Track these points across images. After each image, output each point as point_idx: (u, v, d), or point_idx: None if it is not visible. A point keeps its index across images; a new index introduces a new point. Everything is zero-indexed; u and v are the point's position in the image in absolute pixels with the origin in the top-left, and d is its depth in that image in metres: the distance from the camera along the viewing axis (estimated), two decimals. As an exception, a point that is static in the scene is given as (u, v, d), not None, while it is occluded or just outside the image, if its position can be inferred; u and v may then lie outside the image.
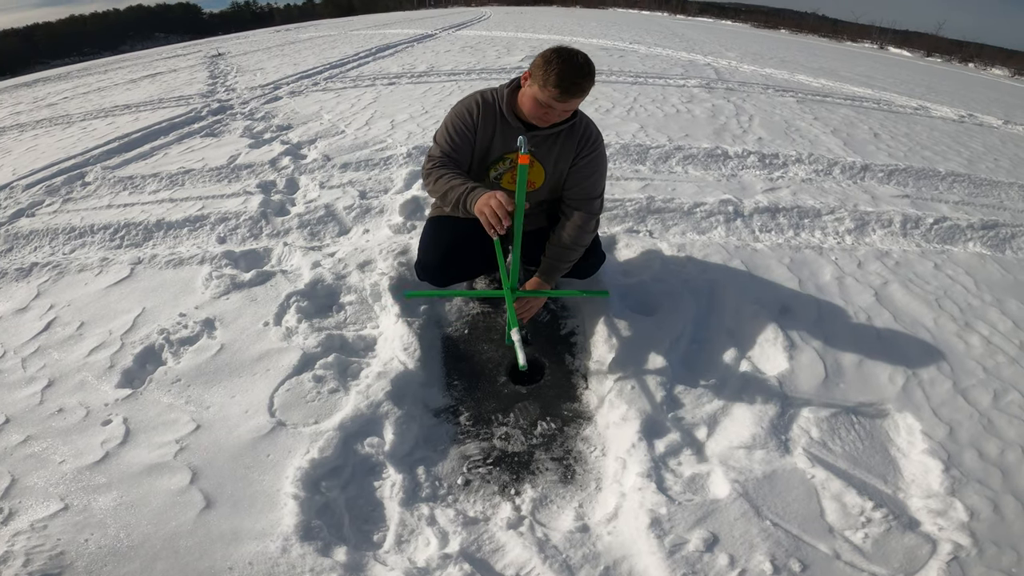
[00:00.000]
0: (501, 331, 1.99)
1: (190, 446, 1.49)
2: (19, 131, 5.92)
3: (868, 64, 13.85)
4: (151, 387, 1.72)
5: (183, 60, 12.32)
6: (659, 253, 2.35)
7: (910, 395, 1.68)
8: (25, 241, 2.87)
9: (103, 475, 1.42)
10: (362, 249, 2.40)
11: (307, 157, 3.70)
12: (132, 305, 2.14)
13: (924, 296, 2.22)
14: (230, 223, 2.77)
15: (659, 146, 3.74)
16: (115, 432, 1.55)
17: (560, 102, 1.51)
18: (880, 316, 2.06)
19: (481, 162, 1.78)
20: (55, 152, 4.46)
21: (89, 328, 2.03)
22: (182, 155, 3.94)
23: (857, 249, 2.58)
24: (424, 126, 4.28)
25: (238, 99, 5.96)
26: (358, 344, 1.89)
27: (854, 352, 1.84)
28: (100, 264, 2.48)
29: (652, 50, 9.88)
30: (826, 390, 1.68)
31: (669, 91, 5.84)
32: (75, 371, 1.81)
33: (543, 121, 1.61)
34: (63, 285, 2.36)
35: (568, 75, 1.47)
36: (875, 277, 2.33)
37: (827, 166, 3.64)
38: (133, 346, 1.89)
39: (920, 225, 2.86)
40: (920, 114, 6.22)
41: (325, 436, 1.50)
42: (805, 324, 1.96)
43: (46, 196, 3.44)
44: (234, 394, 1.68)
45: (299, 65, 8.60)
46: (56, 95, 8.97)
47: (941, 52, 26.33)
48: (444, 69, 7.16)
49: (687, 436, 1.54)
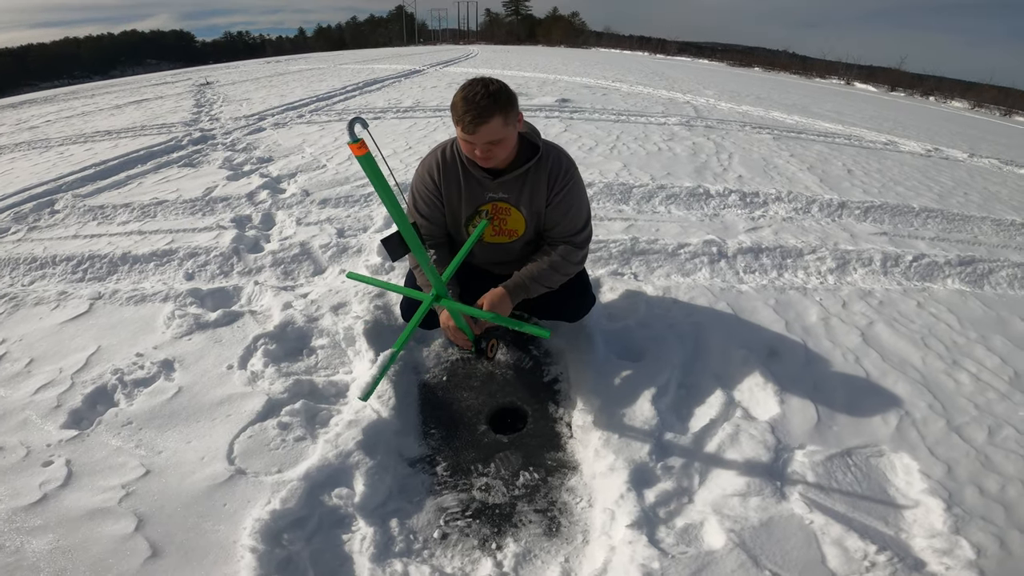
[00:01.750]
0: (482, 377, 1.91)
1: (137, 491, 1.41)
2: None
3: (837, 100, 14.42)
4: (99, 429, 1.62)
5: (171, 87, 12.32)
6: (644, 296, 2.31)
7: (904, 435, 1.66)
8: (-17, 271, 2.73)
9: (39, 517, 1.35)
10: (336, 291, 2.31)
11: (286, 191, 3.64)
12: (87, 343, 2.03)
13: (910, 335, 2.22)
14: (200, 259, 2.66)
15: (642, 185, 3.76)
16: (56, 474, 1.47)
17: (471, 134, 1.45)
18: (868, 356, 2.05)
19: (456, 221, 1.74)
20: (28, 177, 4.34)
21: (38, 365, 1.92)
22: (157, 185, 3.85)
23: (840, 289, 2.59)
24: (407, 162, 4.25)
25: (221, 129, 5.92)
26: (328, 390, 1.79)
27: (845, 394, 1.81)
28: (58, 298, 2.36)
29: (634, 88, 10.16)
30: (819, 433, 1.64)
31: (651, 129, 5.96)
32: (19, 409, 1.71)
33: (486, 160, 1.53)
34: (17, 319, 2.24)
35: (466, 107, 1.42)
36: (860, 317, 2.33)
37: (806, 204, 3.69)
38: (84, 386, 1.78)
39: (899, 263, 2.89)
40: (890, 149, 6.42)
41: (288, 486, 1.41)
42: (794, 367, 1.93)
43: (12, 223, 3.31)
44: (190, 439, 1.58)
45: (286, 97, 8.63)
46: (39, 118, 8.84)
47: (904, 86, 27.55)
48: (430, 104, 7.21)
49: (678, 485, 1.47)
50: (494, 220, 1.72)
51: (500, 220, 1.72)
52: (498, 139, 1.47)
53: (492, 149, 1.49)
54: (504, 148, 1.52)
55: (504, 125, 1.46)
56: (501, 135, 1.47)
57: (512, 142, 1.55)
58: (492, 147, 1.48)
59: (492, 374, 1.92)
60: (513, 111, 1.48)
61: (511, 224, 1.72)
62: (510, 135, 1.51)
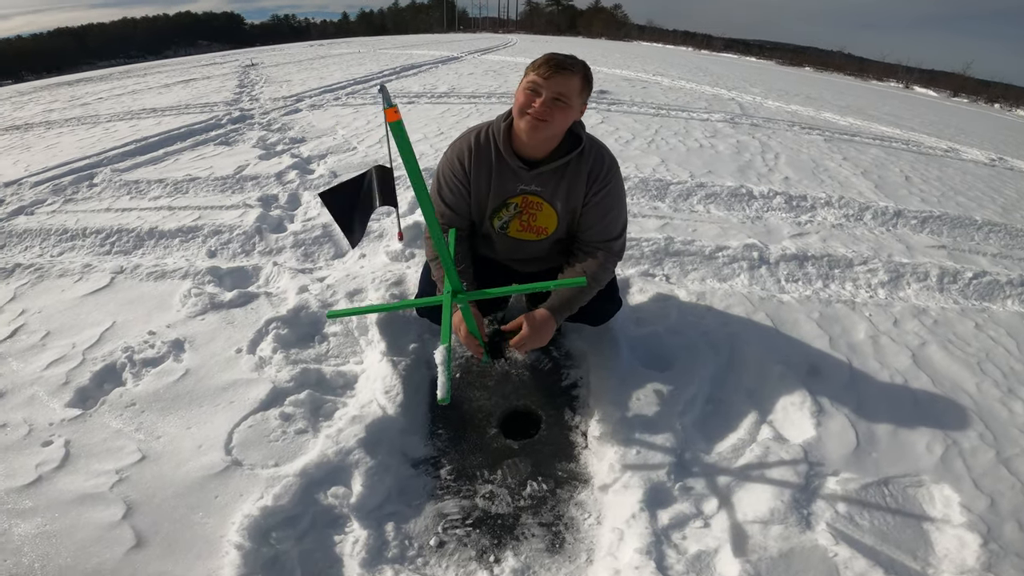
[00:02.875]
0: (497, 377, 1.81)
1: (130, 478, 1.39)
2: (46, 128, 6.04)
3: (895, 103, 13.75)
4: (102, 409, 1.61)
5: (218, 68, 12.65)
6: (676, 301, 2.17)
7: (949, 465, 1.54)
8: (17, 240, 2.80)
9: (30, 499, 1.33)
10: (354, 276, 2.26)
11: (314, 172, 3.62)
12: (103, 318, 2.03)
13: (965, 359, 2.06)
14: (223, 236, 2.66)
15: (680, 182, 3.57)
16: (54, 455, 1.46)
17: (546, 78, 1.36)
18: (918, 380, 1.90)
19: (480, 212, 1.62)
20: (72, 151, 4.49)
21: (53, 339, 1.93)
22: (192, 162, 3.90)
23: (892, 304, 2.39)
24: (437, 147, 4.19)
25: (260, 109, 5.99)
26: (336, 381, 1.72)
27: (889, 419, 1.68)
28: (82, 271, 2.38)
29: (675, 83, 9.84)
30: (857, 460, 1.53)
31: (692, 124, 5.71)
32: (28, 384, 1.71)
33: (535, 123, 1.39)
34: (40, 290, 2.27)
35: (553, 54, 1.40)
36: (912, 337, 2.15)
37: (858, 211, 3.44)
38: (94, 363, 1.77)
39: (958, 279, 2.67)
40: (951, 156, 6.03)
41: (283, 482, 1.36)
42: (835, 387, 1.79)
43: (50, 195, 3.40)
44: (190, 425, 1.54)
45: (325, 79, 8.71)
46: (92, 95, 9.20)
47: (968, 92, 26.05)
48: (465, 91, 7.15)
49: (695, 508, 1.37)
50: (523, 215, 1.59)
51: (529, 216, 1.59)
52: (566, 98, 1.38)
53: (553, 110, 1.37)
54: (564, 115, 1.40)
55: (580, 90, 1.40)
56: (572, 95, 1.38)
57: (571, 118, 1.44)
58: (555, 106, 1.37)
59: (508, 374, 1.82)
60: (589, 87, 1.44)
61: (541, 220, 1.60)
62: (576, 106, 1.42)
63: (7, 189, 3.57)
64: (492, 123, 1.55)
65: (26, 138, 5.50)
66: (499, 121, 1.52)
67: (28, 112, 7.86)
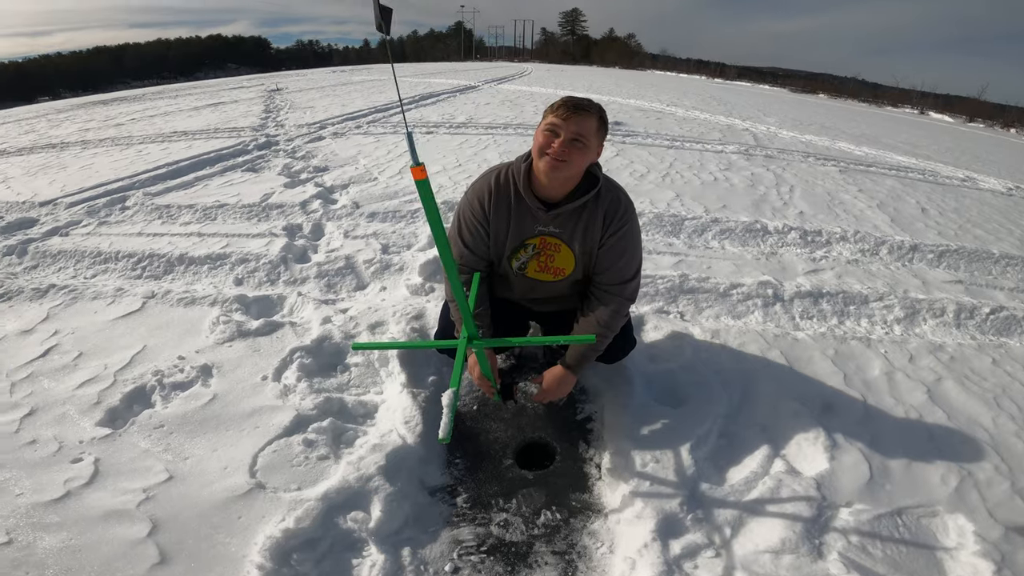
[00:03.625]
0: (513, 410, 1.84)
1: (157, 496, 1.43)
2: (82, 147, 6.27)
3: (910, 130, 13.69)
4: (132, 429, 1.67)
5: (245, 92, 13.09)
6: (690, 339, 2.19)
7: (964, 496, 1.55)
8: (51, 260, 2.92)
9: (57, 514, 1.38)
10: (376, 308, 2.32)
11: (337, 202, 3.72)
12: (134, 341, 2.10)
13: (982, 394, 2.05)
14: (250, 265, 2.74)
15: (695, 217, 3.59)
16: (83, 472, 1.51)
17: (564, 119, 1.41)
18: (933, 415, 1.90)
19: (499, 253, 1.66)
20: (107, 172, 4.66)
21: (86, 360, 2.00)
22: (221, 188, 4.03)
23: (908, 341, 2.39)
24: (456, 180, 4.27)
25: (285, 135, 6.19)
26: (357, 410, 1.77)
27: (903, 453, 1.69)
28: (114, 294, 2.47)
29: (689, 113, 9.95)
30: (870, 492, 1.54)
31: (706, 157, 5.74)
32: (60, 403, 1.78)
33: (553, 164, 1.44)
34: (73, 311, 2.36)
35: (567, 99, 1.45)
36: (928, 373, 2.15)
37: (874, 245, 3.44)
38: (124, 384, 1.84)
39: (975, 315, 2.66)
40: (968, 186, 5.99)
41: (305, 505, 1.39)
42: (850, 423, 1.80)
43: (85, 216, 3.54)
44: (216, 448, 1.60)
45: (347, 106, 8.98)
46: (126, 115, 9.57)
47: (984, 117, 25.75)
48: (482, 121, 7.30)
49: (708, 538, 1.38)
50: (540, 256, 1.64)
51: (547, 257, 1.63)
52: (584, 139, 1.43)
53: (572, 150, 1.42)
54: (582, 155, 1.45)
55: (596, 130, 1.45)
56: (589, 135, 1.43)
57: (589, 159, 1.49)
58: (573, 147, 1.42)
59: (523, 408, 1.86)
60: (605, 128, 1.49)
61: (559, 262, 1.63)
62: (593, 147, 1.46)
63: (42, 209, 3.72)
64: (512, 164, 1.59)
65: (62, 157, 5.71)
66: (518, 162, 1.56)
67: (64, 130, 8.16)
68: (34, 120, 10.52)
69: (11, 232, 3.31)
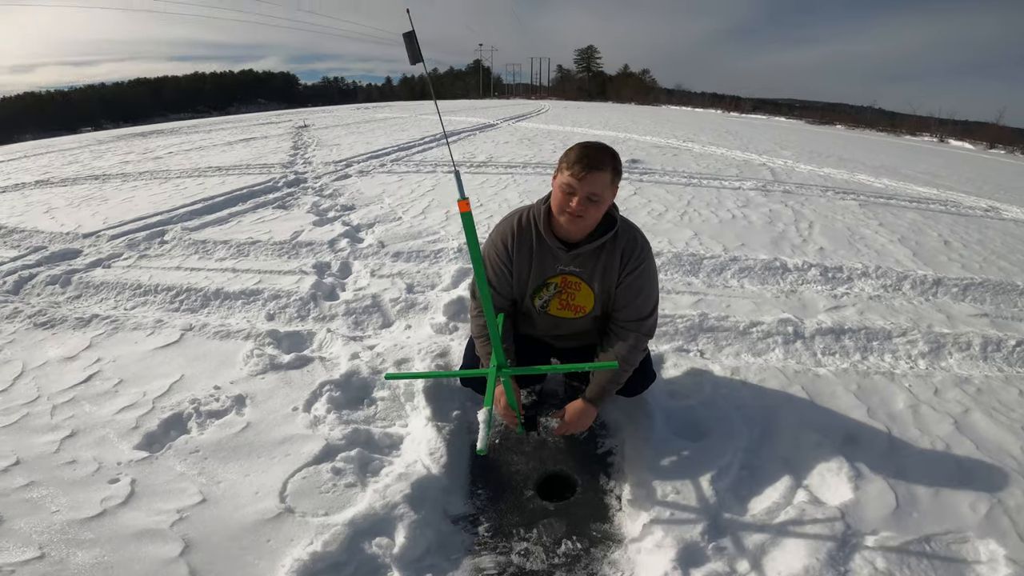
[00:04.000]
0: (534, 443, 1.88)
1: (190, 517, 1.49)
2: (122, 180, 6.64)
3: (930, 159, 13.54)
4: (168, 453, 1.74)
5: (275, 128, 13.73)
6: (710, 375, 2.20)
7: (994, 522, 1.54)
8: (94, 291, 3.09)
9: (91, 531, 1.44)
10: (401, 346, 2.39)
11: (364, 241, 3.84)
12: (172, 370, 2.21)
13: (1010, 424, 2.02)
14: (281, 301, 2.86)
15: (713, 256, 3.60)
16: (119, 491, 1.57)
17: (579, 179, 1.47)
18: (961, 445, 1.88)
19: (522, 291, 1.74)
20: (146, 206, 4.93)
21: (126, 387, 2.10)
22: (254, 225, 4.22)
23: (933, 375, 2.36)
24: (478, 220, 4.29)
25: (312, 173, 6.46)
26: (384, 441, 1.83)
27: (930, 481, 1.68)
28: (154, 325, 2.60)
29: (706, 149, 10.05)
30: (896, 520, 1.53)
31: (724, 194, 5.75)
32: (100, 426, 1.86)
33: (576, 218, 1.52)
34: (115, 340, 2.49)
35: (584, 150, 1.50)
36: (955, 405, 2.13)
37: (896, 280, 3.42)
38: (162, 411, 1.93)
39: (1002, 347, 2.62)
40: (991, 216, 5.90)
41: (332, 530, 1.44)
42: (874, 454, 1.79)
43: (126, 249, 3.74)
44: (248, 473, 1.66)
45: (371, 144, 9.34)
46: (163, 149, 10.11)
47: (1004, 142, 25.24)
48: (502, 161, 7.47)
49: (729, 567, 1.38)
50: (562, 294, 1.71)
51: (568, 295, 1.71)
52: (599, 195, 1.50)
53: (588, 208, 1.50)
54: (598, 209, 1.53)
55: (610, 182, 1.51)
56: (604, 192, 1.50)
57: (605, 208, 1.56)
58: (590, 205, 1.50)
59: (544, 442, 1.89)
60: (619, 175, 1.54)
61: (580, 300, 1.71)
62: (608, 198, 1.54)
63: (85, 240, 3.95)
64: (532, 207, 1.69)
65: (104, 189, 6.05)
66: (539, 205, 1.65)
67: (106, 162, 8.65)
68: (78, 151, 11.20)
69: (55, 262, 3.51)
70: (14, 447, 1.77)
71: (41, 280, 3.20)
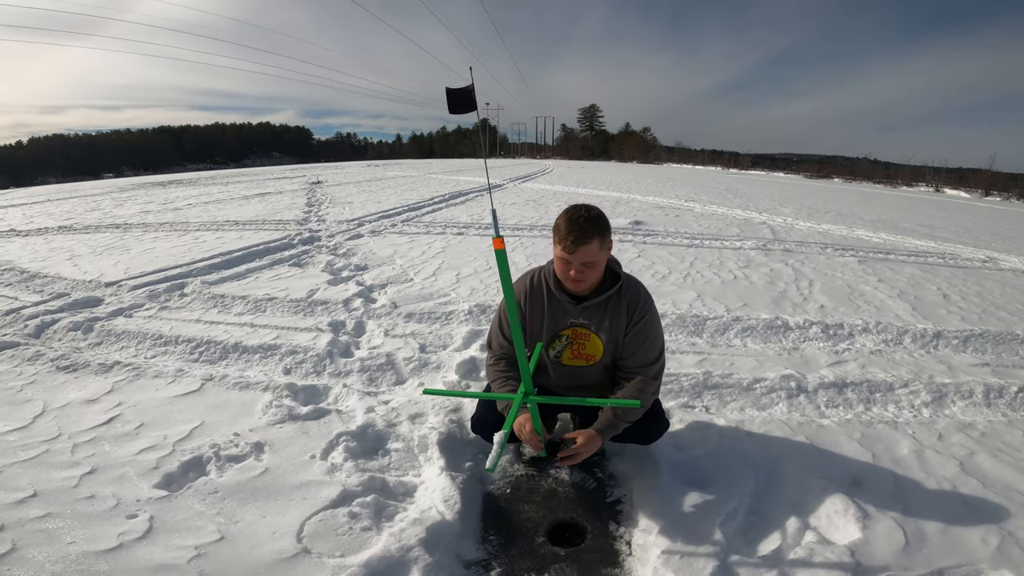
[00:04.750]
0: (545, 493, 1.91)
1: (208, 554, 1.51)
2: (143, 230, 6.88)
3: (927, 211, 13.77)
4: (187, 493, 1.78)
5: (289, 183, 14.26)
6: (715, 428, 2.25)
7: (1006, 554, 1.57)
8: (115, 339, 3.19)
9: (107, 563, 1.46)
10: (415, 402, 2.45)
11: (377, 302, 3.92)
12: (193, 417, 2.27)
13: (1016, 464, 2.06)
14: (298, 356, 2.94)
15: (716, 317, 3.66)
16: (137, 527, 1.60)
17: (570, 254, 1.62)
18: (967, 484, 1.92)
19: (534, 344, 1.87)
20: (166, 258, 5.11)
21: (147, 430, 2.17)
22: (270, 281, 4.36)
23: (936, 422, 2.40)
24: (487, 283, 4.41)
25: (326, 231, 6.70)
26: (398, 489, 1.87)
27: (939, 518, 1.70)
28: (175, 374, 2.69)
29: (707, 208, 10.32)
30: (907, 556, 1.55)
31: (726, 254, 5.87)
32: (120, 465, 1.91)
33: (577, 283, 1.69)
34: (136, 387, 2.57)
35: (569, 228, 1.61)
36: (959, 448, 2.17)
37: (897, 335, 3.49)
38: (183, 453, 1.98)
39: (1004, 394, 2.67)
40: (989, 267, 5.99)
41: (349, 571, 1.46)
42: (880, 496, 1.82)
43: (147, 300, 3.87)
44: (266, 515, 1.69)
45: (382, 203, 9.70)
46: (183, 200, 10.49)
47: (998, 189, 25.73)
48: (509, 223, 7.67)
49: None
50: (573, 345, 1.84)
51: (579, 345, 1.84)
52: (593, 261, 1.65)
53: (585, 271, 1.66)
54: (596, 271, 1.69)
55: (600, 249, 1.65)
56: (596, 257, 1.65)
57: (602, 267, 1.72)
58: (586, 269, 1.66)
59: (555, 491, 1.92)
60: (608, 236, 1.66)
61: (590, 349, 1.83)
62: (602, 259, 1.69)
63: (107, 289, 4.09)
64: (544, 267, 1.86)
65: (125, 239, 6.25)
66: (549, 265, 1.83)
67: (127, 211, 8.98)
68: (100, 197, 11.66)
69: (78, 309, 3.64)
70: (32, 480, 1.82)
71: (63, 326, 3.32)
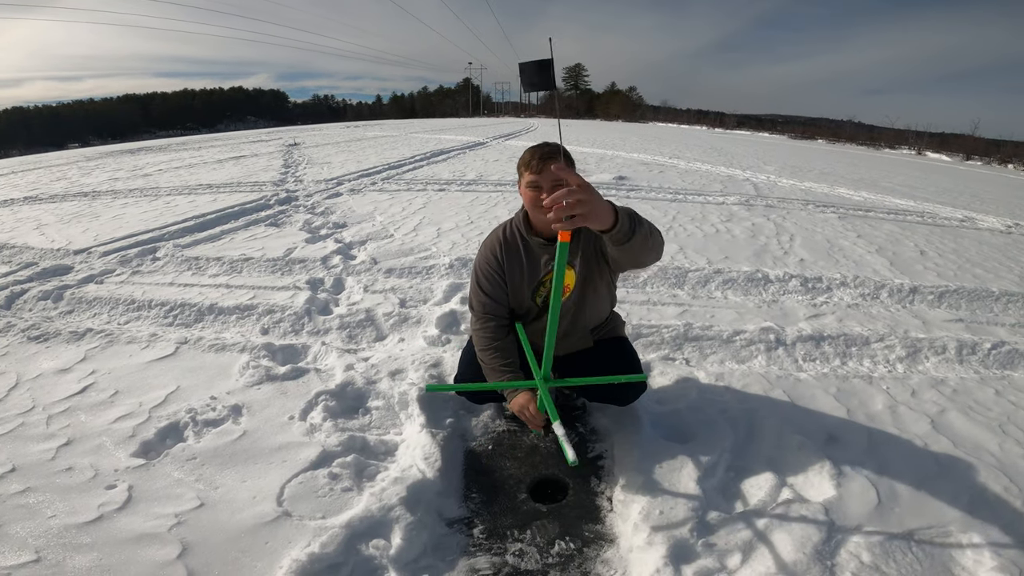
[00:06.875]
0: (526, 449, 1.92)
1: (188, 521, 1.50)
2: (112, 197, 6.62)
3: (908, 172, 13.90)
4: (165, 460, 1.76)
5: (265, 146, 13.75)
6: (695, 382, 2.28)
7: (976, 514, 1.59)
8: (87, 306, 3.09)
9: (88, 535, 1.44)
10: (395, 357, 2.43)
11: (356, 258, 3.89)
12: (168, 382, 2.22)
13: (986, 423, 2.10)
14: (275, 316, 2.89)
15: (698, 269, 3.70)
16: (116, 497, 1.58)
17: (540, 173, 1.61)
18: (938, 443, 1.95)
19: (519, 295, 1.84)
20: (137, 223, 4.94)
21: (122, 397, 2.12)
22: (246, 242, 4.25)
23: (910, 377, 2.45)
24: (468, 237, 4.44)
25: (304, 191, 6.51)
26: (379, 448, 1.86)
27: (911, 478, 1.73)
28: (149, 339, 2.61)
29: (691, 165, 10.28)
30: (879, 515, 1.57)
31: (708, 209, 5.91)
32: (96, 435, 1.88)
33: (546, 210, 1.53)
34: (109, 354, 2.50)
35: (535, 150, 1.64)
36: (931, 405, 2.21)
37: (874, 289, 3.54)
38: (159, 420, 1.94)
39: (976, 351, 2.73)
40: (966, 226, 6.10)
41: (330, 532, 1.46)
42: (855, 453, 1.86)
43: (118, 266, 3.75)
44: (245, 479, 1.68)
45: (361, 163, 9.42)
46: (152, 166, 10.07)
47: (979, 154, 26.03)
48: (491, 179, 7.59)
49: (719, 563, 1.42)
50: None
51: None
52: (562, 179, 1.54)
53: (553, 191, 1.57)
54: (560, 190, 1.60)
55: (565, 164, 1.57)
56: (564, 175, 1.55)
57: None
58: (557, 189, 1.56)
59: (536, 447, 1.93)
60: (572, 162, 1.61)
61: (567, 281, 1.80)
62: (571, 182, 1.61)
63: (77, 257, 3.95)
64: (512, 219, 1.84)
65: (94, 206, 6.01)
66: (517, 216, 1.81)
67: (95, 179, 8.60)
68: (65, 167, 11.14)
69: (47, 278, 3.51)
70: (9, 455, 1.78)
71: (33, 295, 3.20)
